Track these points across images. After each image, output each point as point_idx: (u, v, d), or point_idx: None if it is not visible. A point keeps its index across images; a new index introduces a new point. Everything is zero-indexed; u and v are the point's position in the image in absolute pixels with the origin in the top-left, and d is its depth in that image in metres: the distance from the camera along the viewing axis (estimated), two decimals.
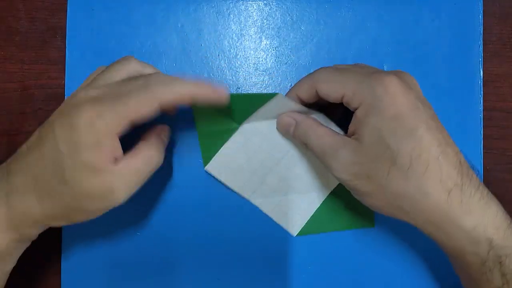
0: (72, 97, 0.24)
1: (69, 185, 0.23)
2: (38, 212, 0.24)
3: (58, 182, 0.23)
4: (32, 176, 0.24)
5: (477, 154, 0.33)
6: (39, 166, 0.23)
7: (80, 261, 0.32)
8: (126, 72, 0.26)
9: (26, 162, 0.24)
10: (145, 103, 0.23)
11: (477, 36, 0.33)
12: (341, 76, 0.26)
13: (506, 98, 0.34)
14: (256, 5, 0.34)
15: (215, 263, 0.32)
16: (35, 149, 0.24)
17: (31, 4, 0.34)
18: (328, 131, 0.27)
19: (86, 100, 0.23)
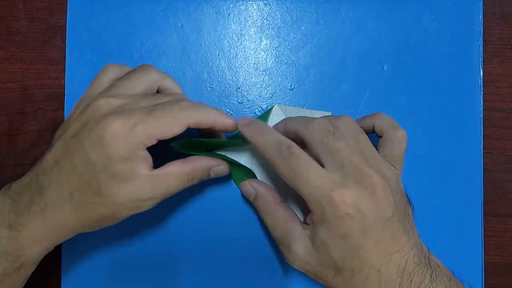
0: (94, 107, 0.24)
1: (104, 196, 0.24)
2: (73, 223, 0.25)
3: (94, 194, 0.24)
4: (67, 190, 0.24)
5: (477, 154, 0.33)
6: (73, 180, 0.24)
7: (80, 261, 0.32)
8: (145, 83, 0.26)
9: (59, 176, 0.24)
10: (175, 124, 0.24)
11: (477, 36, 0.33)
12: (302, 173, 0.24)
13: (506, 98, 0.34)
14: (256, 5, 0.34)
15: (215, 264, 0.32)
16: (65, 163, 0.24)
17: (31, 4, 0.34)
18: (285, 214, 0.27)
19: (111, 111, 0.24)
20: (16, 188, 0.25)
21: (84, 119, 0.24)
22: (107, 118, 0.23)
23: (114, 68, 0.28)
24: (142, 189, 0.24)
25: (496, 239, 0.34)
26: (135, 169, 0.24)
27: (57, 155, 0.24)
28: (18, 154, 0.33)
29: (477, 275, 0.32)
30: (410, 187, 0.32)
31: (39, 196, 0.24)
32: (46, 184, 0.24)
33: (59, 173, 0.24)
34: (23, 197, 0.24)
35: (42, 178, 0.24)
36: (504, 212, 0.34)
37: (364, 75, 0.33)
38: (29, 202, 0.24)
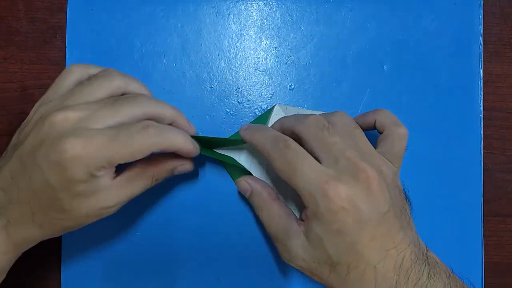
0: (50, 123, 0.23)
1: (68, 212, 0.23)
2: (38, 236, 0.24)
3: (57, 212, 0.23)
4: (28, 209, 0.23)
5: (477, 154, 0.33)
6: (33, 200, 0.23)
7: (80, 261, 0.32)
8: (107, 90, 0.25)
9: (18, 196, 0.23)
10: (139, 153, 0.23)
11: (477, 36, 0.34)
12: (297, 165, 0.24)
13: (506, 98, 0.34)
14: (256, 5, 0.34)
15: (215, 263, 0.32)
16: (23, 182, 0.23)
17: (31, 4, 0.34)
18: (280, 211, 0.27)
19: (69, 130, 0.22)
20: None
21: (39, 136, 0.23)
22: (65, 141, 0.22)
23: (79, 69, 0.26)
24: (107, 198, 0.24)
25: (496, 239, 0.34)
26: (97, 185, 0.23)
27: (14, 171, 0.23)
28: None
29: (477, 275, 0.32)
30: (410, 187, 0.32)
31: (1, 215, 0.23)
32: (5, 202, 0.23)
33: (18, 192, 0.23)
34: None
35: (1, 195, 0.23)
36: (504, 212, 0.34)
37: (364, 75, 0.33)
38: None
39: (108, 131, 0.23)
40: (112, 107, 0.23)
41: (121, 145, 0.22)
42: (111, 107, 0.23)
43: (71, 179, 0.22)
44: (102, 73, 0.26)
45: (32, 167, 0.22)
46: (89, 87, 0.25)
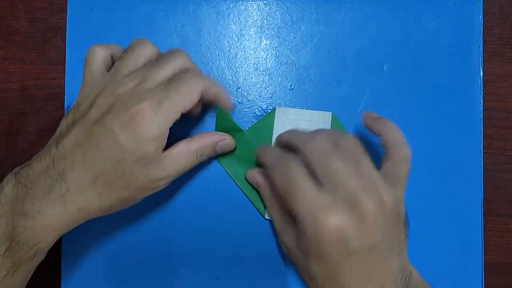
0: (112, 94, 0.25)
1: (127, 179, 0.25)
2: (95, 206, 0.25)
3: (118, 177, 0.25)
4: (92, 174, 0.24)
5: (477, 154, 0.33)
6: (99, 164, 0.24)
7: (80, 260, 0.32)
8: (145, 58, 0.27)
9: (83, 161, 0.24)
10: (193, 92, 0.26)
11: (477, 36, 0.33)
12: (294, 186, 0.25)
13: (506, 98, 0.34)
14: (256, 5, 0.34)
15: (214, 263, 0.32)
16: (90, 147, 0.24)
17: (31, 4, 0.34)
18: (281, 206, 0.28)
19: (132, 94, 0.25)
20: (28, 174, 0.24)
21: (104, 106, 0.25)
22: (134, 102, 0.24)
23: (100, 47, 0.28)
24: (158, 170, 0.26)
25: (496, 239, 0.34)
26: (157, 151, 0.25)
27: (79, 140, 0.24)
28: (18, 154, 0.33)
29: (477, 275, 0.32)
30: (410, 187, 0.32)
31: (59, 181, 0.24)
32: (67, 169, 0.24)
33: (83, 158, 0.24)
34: (40, 183, 0.24)
35: (61, 163, 0.24)
36: (504, 212, 0.34)
37: (364, 75, 0.33)
38: (47, 189, 0.24)
39: (164, 86, 0.25)
40: (158, 66, 0.26)
41: (177, 90, 0.25)
42: (157, 67, 0.26)
43: (141, 137, 0.24)
44: (134, 43, 0.28)
45: (102, 131, 0.24)
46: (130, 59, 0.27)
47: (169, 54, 0.27)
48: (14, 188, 0.24)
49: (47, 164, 0.24)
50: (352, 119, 0.33)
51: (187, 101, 0.25)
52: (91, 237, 0.32)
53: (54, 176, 0.24)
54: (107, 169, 0.24)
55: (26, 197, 0.24)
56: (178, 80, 0.25)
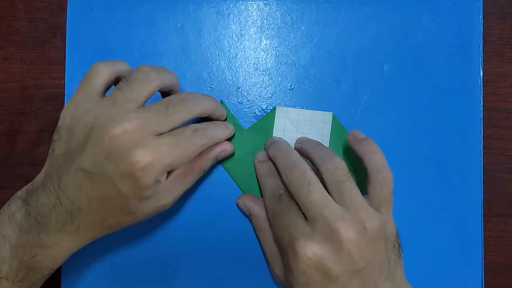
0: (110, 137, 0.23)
1: (134, 214, 0.26)
2: (105, 233, 0.27)
3: (125, 215, 0.26)
4: (99, 217, 0.25)
5: (477, 154, 0.33)
6: (104, 208, 0.25)
7: (80, 261, 0.32)
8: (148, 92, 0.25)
9: (89, 206, 0.24)
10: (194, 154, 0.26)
11: (477, 36, 0.33)
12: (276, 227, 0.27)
13: (506, 98, 0.34)
14: (256, 5, 0.34)
15: (215, 264, 0.32)
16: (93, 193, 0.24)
17: (31, 4, 0.34)
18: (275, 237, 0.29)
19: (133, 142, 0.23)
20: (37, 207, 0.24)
21: (100, 149, 0.23)
22: (134, 153, 0.23)
23: (105, 68, 0.26)
24: (165, 197, 0.26)
25: (496, 239, 0.34)
26: (158, 187, 0.25)
27: (80, 184, 0.24)
28: (18, 154, 0.33)
29: (477, 275, 0.32)
30: (410, 187, 0.32)
31: (70, 221, 0.25)
32: (74, 211, 0.24)
33: (89, 203, 0.24)
34: (51, 218, 0.24)
35: (68, 204, 0.24)
36: (504, 212, 0.34)
37: (364, 75, 0.33)
38: (60, 225, 0.24)
39: (167, 139, 0.25)
40: (164, 115, 0.25)
41: (181, 150, 0.25)
42: (163, 115, 0.25)
43: (142, 187, 0.24)
44: (137, 74, 0.25)
45: (103, 179, 0.24)
46: (131, 92, 0.25)
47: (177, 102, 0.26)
48: (26, 219, 0.25)
49: (54, 203, 0.24)
50: (352, 119, 0.33)
51: (185, 161, 0.26)
52: None
53: (64, 215, 0.24)
54: (113, 212, 0.25)
55: (41, 229, 0.24)
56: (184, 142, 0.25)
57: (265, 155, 0.31)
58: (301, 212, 0.26)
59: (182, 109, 0.26)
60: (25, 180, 0.33)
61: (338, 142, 0.32)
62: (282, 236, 0.26)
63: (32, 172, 0.33)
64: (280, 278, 0.28)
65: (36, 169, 0.33)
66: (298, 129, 0.32)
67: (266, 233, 0.30)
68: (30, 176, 0.34)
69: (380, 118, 0.33)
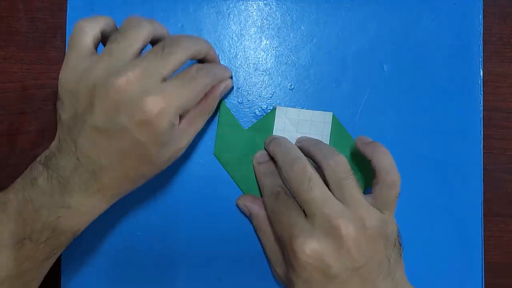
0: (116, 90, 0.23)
1: (155, 162, 0.26)
2: (129, 189, 0.27)
3: (147, 164, 0.26)
4: (122, 171, 0.25)
5: (477, 154, 0.33)
6: (126, 161, 0.25)
7: (80, 261, 0.32)
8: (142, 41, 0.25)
9: (110, 162, 0.24)
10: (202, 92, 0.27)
11: (477, 36, 0.33)
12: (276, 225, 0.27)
13: (506, 98, 0.34)
14: (256, 5, 0.34)
15: (215, 263, 0.32)
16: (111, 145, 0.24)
17: (31, 4, 0.34)
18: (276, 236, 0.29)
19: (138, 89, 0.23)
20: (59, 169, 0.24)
21: (109, 103, 0.23)
22: (145, 100, 0.23)
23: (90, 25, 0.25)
24: (180, 140, 0.27)
25: (496, 239, 0.34)
26: (175, 133, 0.25)
27: (96, 140, 0.24)
28: (18, 154, 0.33)
29: (477, 275, 0.32)
30: (410, 187, 0.32)
31: (93, 180, 0.24)
32: (97, 169, 0.24)
33: (109, 159, 0.24)
34: (75, 180, 0.24)
35: (89, 164, 0.24)
36: (504, 212, 0.34)
37: (364, 75, 0.33)
38: (84, 185, 0.24)
39: (174, 82, 0.25)
40: (162, 58, 0.24)
41: (189, 91, 0.25)
42: (161, 58, 0.24)
43: (158, 132, 0.24)
44: (129, 23, 0.25)
45: (118, 133, 0.24)
46: (126, 42, 0.24)
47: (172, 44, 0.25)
48: (48, 181, 0.24)
49: (75, 165, 0.24)
50: (352, 119, 0.33)
51: (197, 96, 0.26)
52: (91, 238, 0.32)
53: (87, 175, 0.24)
54: (135, 163, 0.25)
55: (64, 191, 0.24)
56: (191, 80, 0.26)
57: (264, 156, 0.31)
58: (301, 209, 0.26)
59: (177, 50, 0.25)
60: None
61: (338, 142, 0.32)
62: (282, 233, 0.26)
63: None
64: (281, 277, 0.28)
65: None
66: (298, 129, 0.32)
67: (267, 233, 0.30)
68: None
69: (380, 118, 0.33)
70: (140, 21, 0.25)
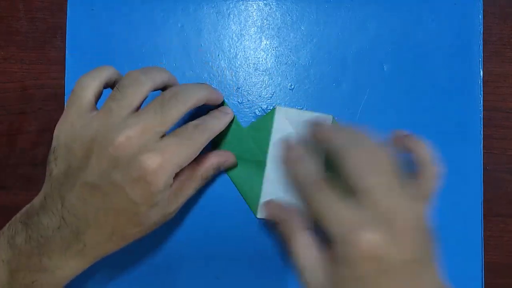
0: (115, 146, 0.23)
1: (142, 224, 0.25)
2: (110, 251, 0.26)
3: (134, 226, 0.25)
4: (108, 230, 0.25)
5: (477, 154, 0.33)
6: (113, 220, 0.24)
7: None
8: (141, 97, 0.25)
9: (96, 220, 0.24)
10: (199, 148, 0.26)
11: (477, 36, 0.33)
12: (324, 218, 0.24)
13: (506, 98, 0.34)
14: (256, 5, 0.34)
15: (214, 262, 0.32)
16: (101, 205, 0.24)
17: (31, 4, 0.34)
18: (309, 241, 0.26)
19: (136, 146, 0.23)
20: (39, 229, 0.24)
21: (106, 159, 0.23)
22: (143, 157, 0.23)
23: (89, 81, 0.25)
24: (170, 204, 0.26)
25: (496, 239, 0.34)
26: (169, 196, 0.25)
27: (86, 196, 0.24)
28: (18, 154, 0.34)
29: (477, 275, 0.32)
30: None
31: (75, 240, 0.24)
32: (81, 228, 0.24)
33: (96, 216, 0.24)
34: (55, 240, 0.24)
35: (74, 222, 0.24)
36: (504, 212, 0.34)
37: (364, 75, 0.33)
38: (64, 247, 0.24)
39: (172, 139, 0.25)
40: (161, 114, 0.24)
41: (186, 148, 0.25)
42: (160, 114, 0.24)
43: (153, 191, 0.24)
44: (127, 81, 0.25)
45: (111, 189, 0.23)
46: (125, 100, 0.24)
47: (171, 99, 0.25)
48: (27, 242, 0.24)
49: (59, 223, 0.24)
50: (352, 119, 0.33)
51: (194, 154, 0.26)
52: None
53: (69, 236, 0.24)
54: (122, 223, 0.25)
55: (42, 252, 0.24)
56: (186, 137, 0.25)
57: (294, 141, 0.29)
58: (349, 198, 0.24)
59: (177, 104, 0.25)
60: (25, 180, 0.33)
61: None
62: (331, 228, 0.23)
63: (32, 172, 0.33)
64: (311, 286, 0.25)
65: (36, 169, 0.33)
66: (297, 130, 0.32)
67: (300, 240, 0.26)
68: (30, 176, 0.34)
69: (380, 118, 0.33)
70: (139, 77, 0.25)
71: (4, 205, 0.33)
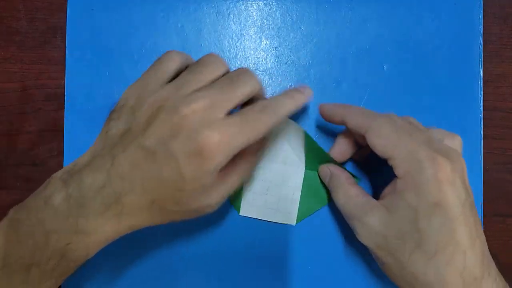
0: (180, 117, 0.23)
1: (181, 205, 0.24)
2: (145, 224, 0.25)
3: (173, 203, 0.24)
4: (149, 198, 0.24)
5: (477, 154, 0.33)
6: (158, 189, 0.24)
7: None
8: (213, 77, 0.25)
9: (141, 184, 0.23)
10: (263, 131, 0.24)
11: (477, 36, 0.34)
12: (396, 137, 0.25)
13: (506, 98, 0.34)
14: (256, 5, 0.34)
15: (216, 263, 0.32)
16: (149, 171, 0.23)
17: (31, 4, 0.34)
18: (358, 191, 0.27)
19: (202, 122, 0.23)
20: (81, 188, 0.23)
21: (168, 127, 0.23)
22: (204, 132, 0.23)
23: (180, 58, 0.26)
24: (213, 195, 0.25)
25: (496, 239, 0.34)
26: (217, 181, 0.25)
27: (138, 160, 0.23)
28: (18, 154, 0.34)
29: None
30: None
31: (115, 202, 0.23)
32: (125, 191, 0.23)
33: (142, 182, 0.23)
34: (96, 201, 0.23)
35: (119, 184, 0.23)
36: (504, 212, 0.34)
37: (364, 75, 0.33)
38: (103, 208, 0.23)
39: (236, 118, 0.24)
40: (227, 91, 0.24)
41: (250, 130, 0.24)
42: (226, 91, 0.24)
43: (205, 170, 0.23)
44: (209, 59, 0.26)
45: (165, 157, 0.23)
46: (201, 75, 0.25)
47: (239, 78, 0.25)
48: (65, 201, 0.23)
49: (103, 183, 0.23)
50: None
51: (256, 137, 0.24)
52: None
53: (111, 197, 0.23)
54: (165, 195, 0.24)
55: (80, 214, 0.23)
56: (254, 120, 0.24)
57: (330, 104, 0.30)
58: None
59: (240, 85, 0.25)
60: (25, 180, 0.33)
61: None
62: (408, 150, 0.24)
63: (32, 172, 0.33)
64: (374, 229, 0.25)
65: (36, 169, 0.33)
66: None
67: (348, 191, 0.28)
68: (30, 176, 0.34)
69: None
70: (219, 58, 0.26)
71: (4, 205, 0.33)
